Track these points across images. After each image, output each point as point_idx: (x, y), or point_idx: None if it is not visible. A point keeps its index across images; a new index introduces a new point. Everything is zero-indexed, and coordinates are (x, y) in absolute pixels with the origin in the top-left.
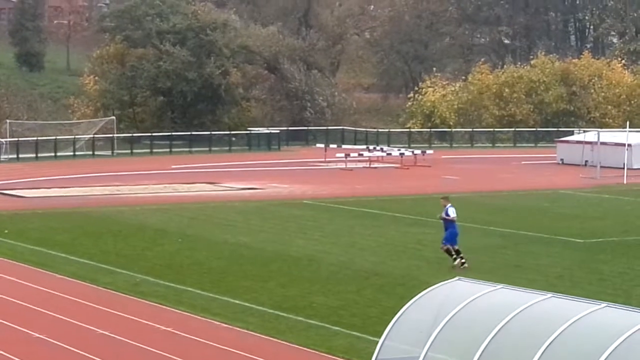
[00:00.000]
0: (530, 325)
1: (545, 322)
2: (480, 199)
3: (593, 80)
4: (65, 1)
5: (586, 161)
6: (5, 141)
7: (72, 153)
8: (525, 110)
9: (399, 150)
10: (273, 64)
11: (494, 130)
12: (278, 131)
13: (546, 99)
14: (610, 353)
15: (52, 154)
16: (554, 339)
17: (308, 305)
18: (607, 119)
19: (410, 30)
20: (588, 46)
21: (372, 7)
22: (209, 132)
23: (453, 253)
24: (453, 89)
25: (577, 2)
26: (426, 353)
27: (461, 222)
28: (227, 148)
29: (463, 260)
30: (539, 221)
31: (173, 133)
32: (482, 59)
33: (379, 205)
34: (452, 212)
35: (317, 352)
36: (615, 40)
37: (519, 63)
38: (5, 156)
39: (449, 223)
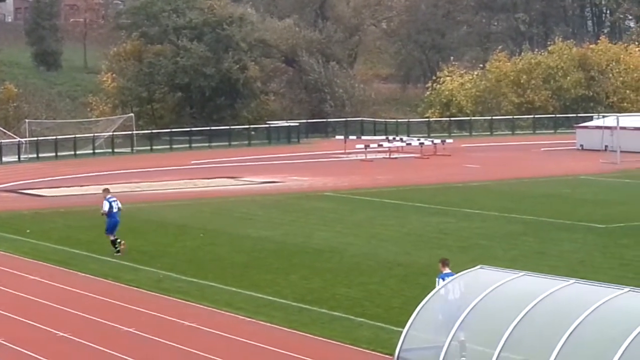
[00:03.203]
0: (554, 311)
1: (569, 308)
2: (501, 186)
3: (611, 65)
4: None
5: (606, 146)
6: (25, 141)
7: (91, 151)
8: (544, 96)
9: (418, 140)
10: (291, 57)
11: (513, 118)
12: (297, 124)
13: (564, 85)
14: (635, 337)
15: (72, 153)
16: (577, 325)
17: (331, 297)
18: (625, 104)
19: (427, 19)
20: (605, 31)
21: None
22: (228, 127)
23: (117, 241)
24: (471, 77)
25: None
26: (450, 342)
27: (482, 211)
28: (247, 142)
29: (117, 249)
30: (560, 207)
31: (192, 128)
32: (500, 47)
33: (400, 195)
34: (105, 206)
35: (341, 344)
36: (632, 24)
37: (537, 50)
38: (25, 156)
39: (111, 213)
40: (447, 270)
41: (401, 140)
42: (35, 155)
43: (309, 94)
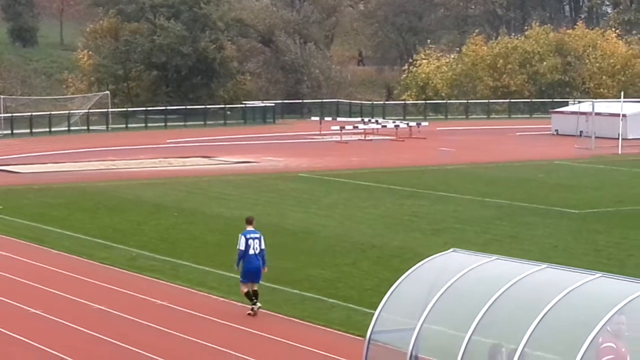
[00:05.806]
0: (526, 296)
1: (541, 293)
2: (476, 170)
3: (587, 51)
4: None
5: (581, 132)
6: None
7: (66, 128)
8: (520, 81)
9: (394, 122)
10: (268, 37)
11: (488, 102)
12: (273, 104)
13: (540, 69)
14: (605, 323)
15: (47, 130)
16: (549, 310)
17: (304, 278)
18: (601, 90)
19: (405, 1)
20: (582, 16)
21: None
22: (203, 106)
23: None
24: (447, 60)
25: None
26: (422, 324)
27: (456, 194)
28: (222, 122)
29: None
30: (534, 192)
31: (168, 107)
32: (477, 30)
33: (375, 177)
34: None
35: (314, 325)
36: (609, 10)
37: (513, 34)
38: (0, 132)
39: None
40: (250, 228)
41: (376, 122)
42: (9, 132)
43: (285, 74)
